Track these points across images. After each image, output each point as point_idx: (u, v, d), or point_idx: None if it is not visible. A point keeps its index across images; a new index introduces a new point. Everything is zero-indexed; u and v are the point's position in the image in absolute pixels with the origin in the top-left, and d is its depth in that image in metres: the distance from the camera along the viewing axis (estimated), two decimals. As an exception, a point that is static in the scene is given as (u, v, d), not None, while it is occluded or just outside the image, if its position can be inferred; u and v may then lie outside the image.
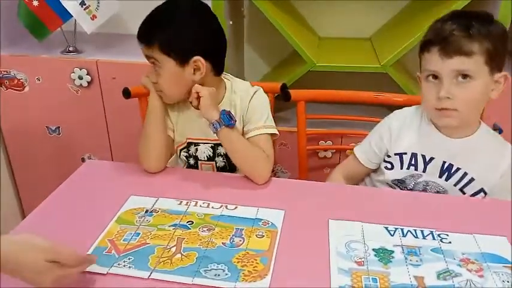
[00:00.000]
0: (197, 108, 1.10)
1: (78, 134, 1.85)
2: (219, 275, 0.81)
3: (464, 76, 0.99)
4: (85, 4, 1.66)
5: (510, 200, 1.05)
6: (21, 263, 0.70)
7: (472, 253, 0.88)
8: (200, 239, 0.91)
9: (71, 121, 1.82)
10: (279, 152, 1.15)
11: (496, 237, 0.92)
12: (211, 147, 1.21)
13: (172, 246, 0.89)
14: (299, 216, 0.99)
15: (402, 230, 0.94)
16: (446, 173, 1.10)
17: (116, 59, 1.73)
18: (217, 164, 1.23)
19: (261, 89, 1.23)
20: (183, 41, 1.09)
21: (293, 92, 1.44)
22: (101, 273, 0.82)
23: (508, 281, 0.81)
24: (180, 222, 0.96)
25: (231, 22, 1.71)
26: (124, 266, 0.83)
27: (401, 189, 1.17)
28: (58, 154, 1.89)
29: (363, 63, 1.68)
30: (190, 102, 1.11)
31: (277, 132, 1.20)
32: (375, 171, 1.24)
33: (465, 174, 1.09)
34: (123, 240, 0.90)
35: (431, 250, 0.89)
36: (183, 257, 0.86)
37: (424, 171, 1.12)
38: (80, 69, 1.71)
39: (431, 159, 1.11)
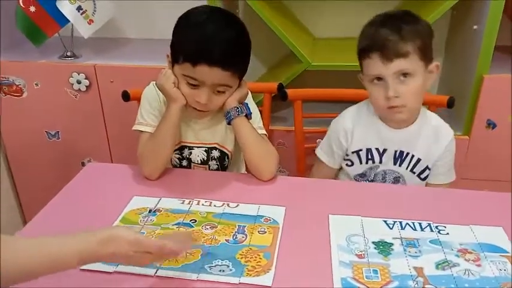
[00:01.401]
0: None
1: (78, 138, 1.86)
2: (223, 270, 0.83)
3: (405, 75, 1.10)
4: (82, 9, 1.68)
5: (449, 169, 1.23)
6: (103, 256, 0.73)
7: (469, 243, 0.90)
8: (204, 237, 0.93)
9: (70, 125, 1.83)
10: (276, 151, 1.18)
11: (491, 227, 0.95)
12: (205, 151, 1.23)
13: (177, 244, 0.90)
14: (300, 212, 1.01)
15: (401, 223, 0.96)
16: (399, 160, 1.22)
17: (114, 63, 1.75)
18: (210, 168, 1.25)
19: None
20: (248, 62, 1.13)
21: (290, 92, 1.46)
22: (107, 272, 0.83)
23: (504, 269, 0.84)
24: (183, 221, 0.98)
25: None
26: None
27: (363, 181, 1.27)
28: (58, 158, 1.89)
29: (357, 61, 1.70)
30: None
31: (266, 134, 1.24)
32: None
33: (413, 156, 1.21)
34: (128, 240, 0.92)
35: (429, 241, 0.91)
36: (187, 254, 0.87)
37: (380, 162, 1.23)
38: (78, 74, 1.72)
39: (385, 150, 1.22)
